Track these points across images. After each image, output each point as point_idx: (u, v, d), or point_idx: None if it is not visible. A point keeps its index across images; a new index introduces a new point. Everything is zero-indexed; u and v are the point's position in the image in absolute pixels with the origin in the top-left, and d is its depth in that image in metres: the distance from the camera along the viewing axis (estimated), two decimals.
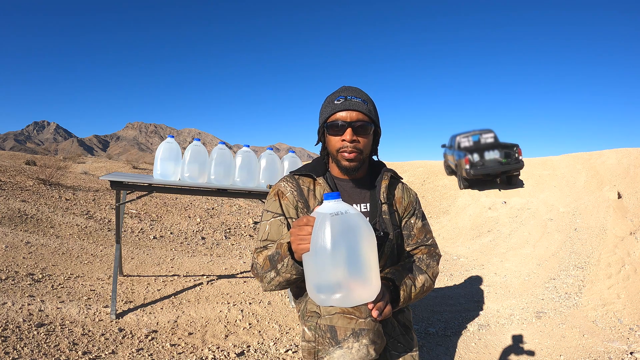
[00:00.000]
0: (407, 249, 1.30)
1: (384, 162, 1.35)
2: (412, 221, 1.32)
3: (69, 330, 2.03)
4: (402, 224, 1.32)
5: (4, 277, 2.48)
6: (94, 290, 2.60)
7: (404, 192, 1.35)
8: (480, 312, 3.07)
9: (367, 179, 1.32)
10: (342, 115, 1.19)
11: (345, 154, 1.20)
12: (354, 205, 1.27)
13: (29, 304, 2.19)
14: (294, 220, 1.24)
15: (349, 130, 1.18)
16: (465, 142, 9.38)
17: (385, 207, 1.26)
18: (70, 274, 2.78)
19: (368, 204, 1.28)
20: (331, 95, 1.27)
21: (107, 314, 2.29)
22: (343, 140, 1.20)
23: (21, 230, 3.45)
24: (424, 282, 1.21)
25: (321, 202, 1.20)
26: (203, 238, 4.50)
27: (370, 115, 1.21)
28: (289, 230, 1.18)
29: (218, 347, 2.10)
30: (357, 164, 1.22)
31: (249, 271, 3.58)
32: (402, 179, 1.38)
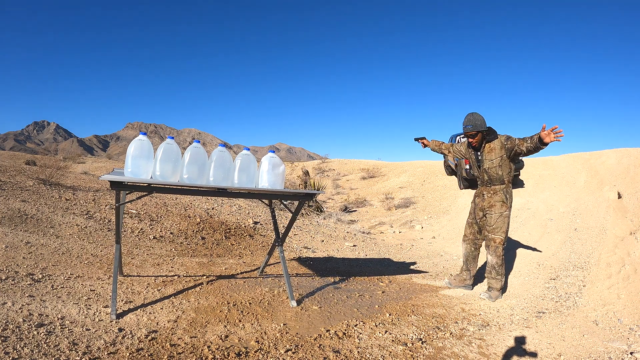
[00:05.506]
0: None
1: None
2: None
3: (69, 330, 2.03)
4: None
5: (4, 277, 2.48)
6: (94, 290, 2.60)
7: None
8: (481, 312, 3.08)
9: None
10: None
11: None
12: None
13: (28, 304, 2.19)
14: None
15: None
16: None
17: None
18: (70, 274, 2.78)
19: None
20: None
21: (107, 314, 2.29)
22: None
23: (21, 230, 3.45)
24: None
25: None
26: (203, 238, 4.50)
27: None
28: None
29: (218, 347, 2.10)
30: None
31: (249, 271, 3.58)
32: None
